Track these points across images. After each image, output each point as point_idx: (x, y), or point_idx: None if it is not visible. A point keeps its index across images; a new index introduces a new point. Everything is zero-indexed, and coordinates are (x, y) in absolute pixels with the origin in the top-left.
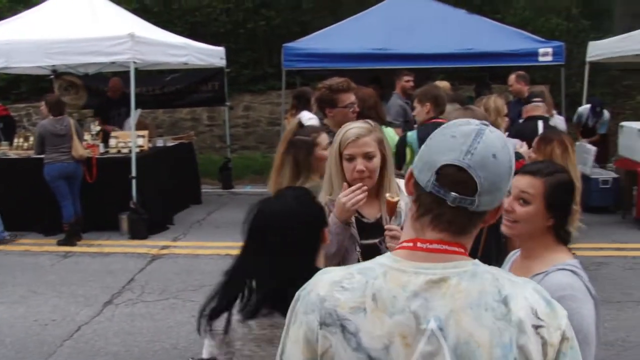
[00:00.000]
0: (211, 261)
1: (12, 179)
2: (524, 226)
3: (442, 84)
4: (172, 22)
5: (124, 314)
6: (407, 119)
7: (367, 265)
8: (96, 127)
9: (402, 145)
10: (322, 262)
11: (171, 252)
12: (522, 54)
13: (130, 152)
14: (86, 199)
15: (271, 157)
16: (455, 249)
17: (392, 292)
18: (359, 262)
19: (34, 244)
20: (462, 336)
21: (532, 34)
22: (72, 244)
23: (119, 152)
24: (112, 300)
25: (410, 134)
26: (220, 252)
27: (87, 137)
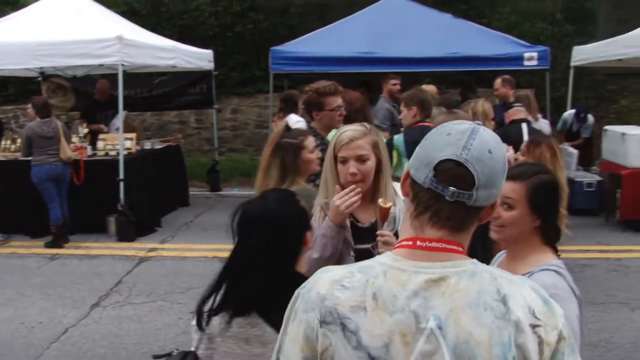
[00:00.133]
0: (199, 263)
1: None
2: (511, 230)
3: (429, 88)
4: (161, 25)
5: (112, 316)
6: (394, 123)
7: (367, 264)
8: (84, 130)
9: (389, 148)
10: (303, 266)
11: (159, 255)
12: (508, 58)
13: (118, 154)
14: (74, 201)
15: (259, 159)
16: (454, 247)
17: (393, 291)
18: None
19: (21, 246)
20: (461, 335)
21: (517, 39)
22: (59, 246)
23: (106, 154)
24: (99, 302)
25: (396, 137)
26: (207, 254)
27: (75, 139)
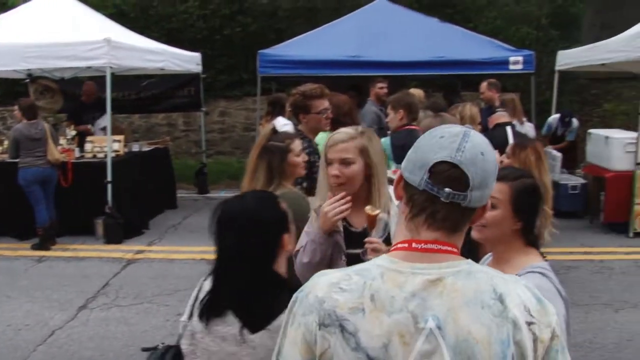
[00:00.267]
0: (186, 266)
1: None
2: (493, 230)
3: (417, 91)
4: (149, 28)
5: (99, 318)
6: (381, 126)
7: (364, 266)
8: (71, 132)
9: None
10: (283, 267)
11: (146, 257)
12: (494, 62)
13: (105, 156)
14: (61, 204)
15: (246, 162)
16: (449, 248)
17: (390, 293)
18: None
19: (8, 248)
20: (460, 334)
21: (503, 43)
22: (46, 249)
23: (94, 156)
24: (86, 304)
25: (383, 140)
26: (195, 256)
27: (62, 141)
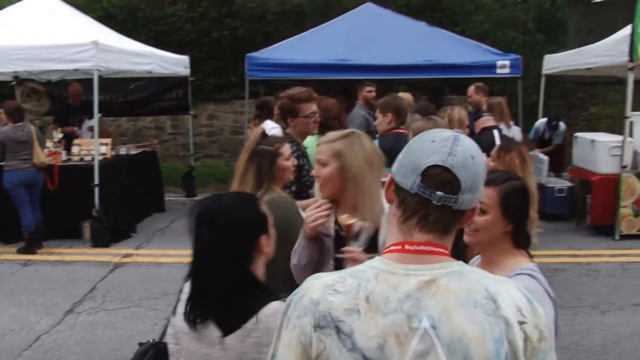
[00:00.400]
0: (174, 269)
1: None
2: (485, 234)
3: (405, 95)
4: (137, 31)
5: (86, 322)
6: (369, 130)
7: (358, 268)
8: (58, 135)
9: None
10: (260, 270)
11: (134, 260)
12: (481, 66)
13: (93, 159)
14: (48, 207)
15: (234, 165)
16: (441, 250)
17: (385, 294)
18: None
19: None
20: (455, 333)
21: (490, 47)
22: (32, 252)
23: (81, 159)
24: (73, 308)
25: None
26: (183, 260)
27: (49, 144)
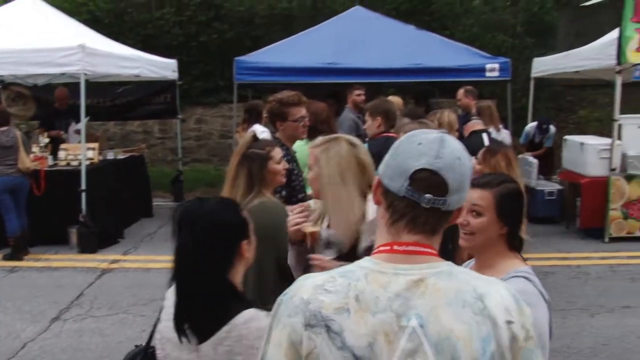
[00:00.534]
0: (162, 275)
1: None
2: (480, 237)
3: (395, 99)
4: (124, 34)
5: (72, 329)
6: (359, 133)
7: (349, 268)
8: (44, 139)
9: None
10: (239, 277)
11: (121, 266)
12: (470, 69)
13: (79, 164)
14: (34, 212)
15: (223, 169)
16: (429, 250)
17: (375, 293)
18: None
19: None
20: (442, 332)
21: (479, 50)
22: (18, 259)
23: (68, 164)
24: (59, 315)
25: None
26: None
27: (35, 149)
